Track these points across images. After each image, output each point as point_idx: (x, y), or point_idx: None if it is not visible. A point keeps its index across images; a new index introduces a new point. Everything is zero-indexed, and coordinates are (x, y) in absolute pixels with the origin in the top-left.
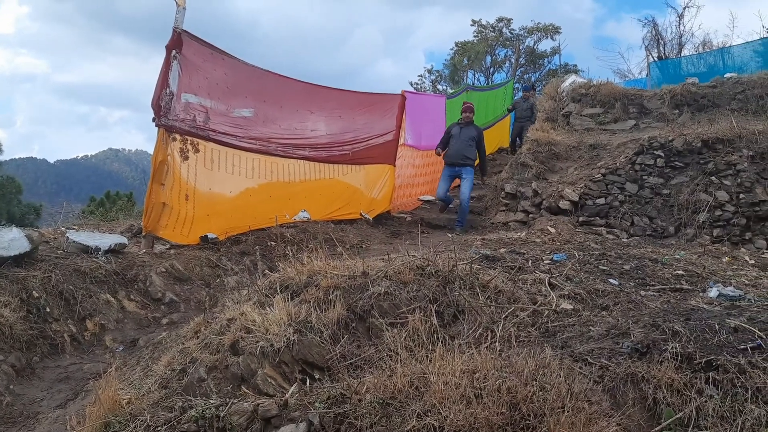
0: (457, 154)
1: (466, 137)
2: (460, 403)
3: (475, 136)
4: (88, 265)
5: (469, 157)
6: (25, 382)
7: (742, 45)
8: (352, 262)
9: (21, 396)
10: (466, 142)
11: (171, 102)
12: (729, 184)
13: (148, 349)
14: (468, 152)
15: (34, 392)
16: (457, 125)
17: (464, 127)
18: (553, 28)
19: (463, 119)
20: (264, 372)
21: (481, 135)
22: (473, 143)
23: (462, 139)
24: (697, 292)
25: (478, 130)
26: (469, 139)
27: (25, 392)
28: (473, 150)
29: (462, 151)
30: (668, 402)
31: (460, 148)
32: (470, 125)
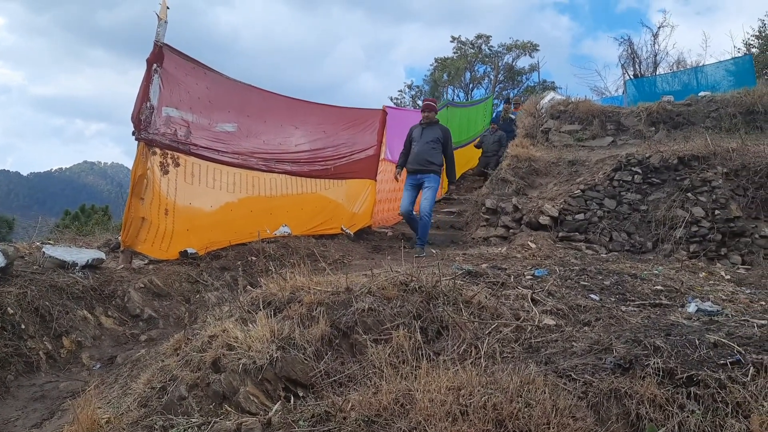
0: (418, 159)
1: (428, 139)
2: (446, 420)
3: (440, 137)
4: (64, 280)
5: (432, 161)
6: None
7: (715, 64)
8: (335, 278)
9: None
10: (428, 144)
11: (151, 116)
12: (705, 201)
13: (126, 366)
14: (431, 156)
15: (8, 412)
16: (419, 126)
17: (426, 127)
18: (531, 46)
19: (424, 119)
20: (246, 390)
21: (448, 135)
22: (437, 145)
23: (424, 142)
24: (676, 308)
25: (443, 129)
26: (433, 141)
27: None
28: (438, 153)
29: (424, 155)
30: (651, 417)
31: (421, 152)
32: (434, 125)
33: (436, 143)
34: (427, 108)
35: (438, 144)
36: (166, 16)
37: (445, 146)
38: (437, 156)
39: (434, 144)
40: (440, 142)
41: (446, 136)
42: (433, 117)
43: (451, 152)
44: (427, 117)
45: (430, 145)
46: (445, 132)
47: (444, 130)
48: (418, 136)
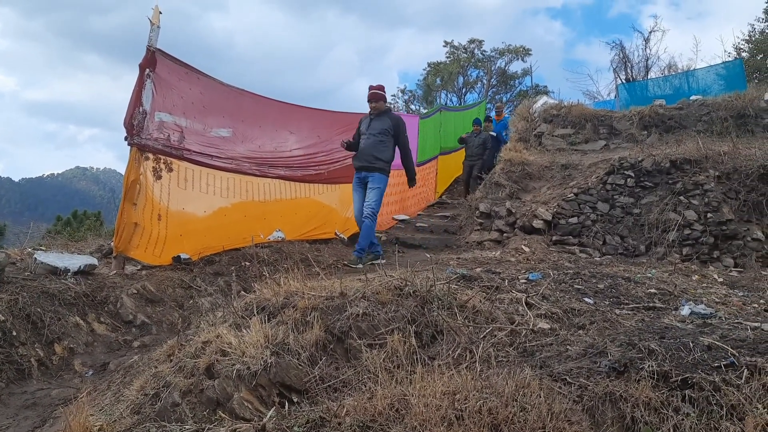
0: (362, 155)
1: (375, 131)
2: (442, 425)
3: (389, 128)
4: (56, 286)
5: (378, 157)
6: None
7: (706, 68)
8: (329, 283)
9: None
10: (375, 138)
11: (144, 121)
12: (697, 204)
13: (119, 373)
14: (377, 151)
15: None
16: (367, 117)
17: (375, 118)
18: (524, 50)
19: (371, 110)
20: (241, 396)
21: (400, 125)
22: (386, 138)
23: (370, 135)
24: (670, 311)
25: (394, 119)
26: (380, 134)
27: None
28: (386, 148)
29: (369, 151)
30: (646, 420)
31: (366, 147)
32: (382, 115)
33: (385, 135)
34: (373, 97)
35: (386, 136)
36: (158, 21)
37: (397, 137)
38: (385, 151)
39: (382, 137)
40: (389, 133)
41: (397, 126)
42: (381, 107)
43: (404, 143)
44: (375, 107)
45: (377, 138)
46: (396, 121)
47: (394, 119)
48: (365, 128)
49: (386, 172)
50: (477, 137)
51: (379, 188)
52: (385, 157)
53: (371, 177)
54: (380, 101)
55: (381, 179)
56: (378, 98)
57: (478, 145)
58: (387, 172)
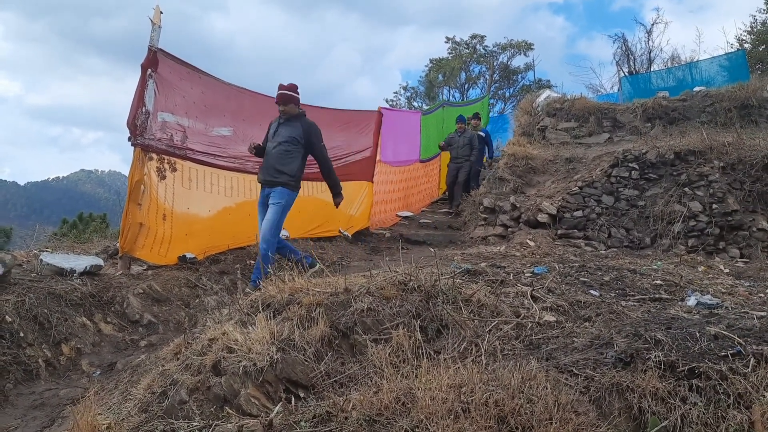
0: (265, 167)
1: (281, 139)
2: (448, 417)
3: (298, 136)
4: (63, 287)
5: (281, 170)
6: None
7: (709, 60)
8: (333, 279)
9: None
10: (280, 147)
11: (147, 121)
12: (702, 195)
13: (126, 372)
14: (281, 163)
15: (7, 420)
16: (276, 122)
17: (284, 123)
18: (526, 45)
19: (281, 113)
20: (247, 392)
21: (312, 132)
22: (293, 148)
23: (276, 143)
24: (676, 302)
25: (306, 125)
26: (287, 142)
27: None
28: (292, 159)
29: (272, 162)
30: (653, 410)
31: (269, 157)
32: (292, 121)
33: (292, 144)
34: (282, 99)
35: (294, 145)
36: (160, 21)
37: (310, 147)
38: (290, 162)
39: (288, 146)
40: (299, 142)
41: (309, 133)
42: (292, 110)
43: (320, 152)
44: (284, 111)
45: (282, 147)
46: (308, 128)
47: (306, 125)
48: (272, 135)
49: (292, 186)
50: (462, 136)
51: (279, 204)
52: (290, 170)
53: (273, 192)
54: (291, 104)
55: (283, 194)
56: (288, 100)
57: (464, 144)
58: (293, 186)
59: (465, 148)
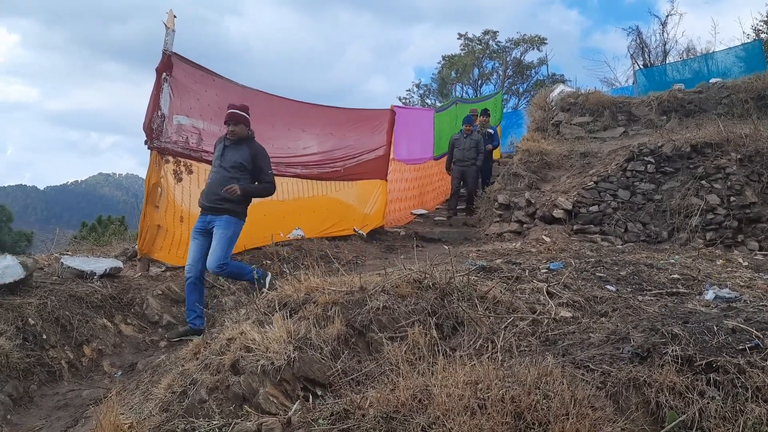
0: (208, 193)
1: (228, 163)
2: (465, 414)
3: (245, 162)
4: (83, 290)
5: (227, 198)
6: (23, 411)
7: (725, 51)
8: (349, 278)
9: (19, 425)
10: (226, 173)
11: (163, 124)
12: (719, 188)
13: (147, 372)
14: (222, 189)
15: (32, 421)
16: (221, 142)
17: (231, 146)
18: (539, 39)
19: (229, 134)
20: (266, 391)
21: (259, 158)
22: (240, 175)
23: (220, 168)
24: (694, 295)
25: (254, 150)
26: (233, 167)
27: (23, 421)
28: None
29: (216, 189)
30: (671, 405)
31: (213, 183)
32: (242, 143)
33: (239, 170)
34: (232, 119)
35: (242, 172)
36: (173, 25)
37: (257, 172)
38: None
39: (235, 172)
40: (245, 168)
41: (256, 158)
42: (241, 132)
43: (267, 180)
44: (233, 132)
45: (228, 174)
46: (256, 152)
47: (254, 149)
48: (217, 157)
49: (238, 214)
50: (468, 138)
51: (226, 235)
52: (236, 198)
53: (217, 221)
54: (241, 124)
55: (230, 223)
56: (239, 120)
57: (470, 147)
58: (239, 214)
59: (471, 151)
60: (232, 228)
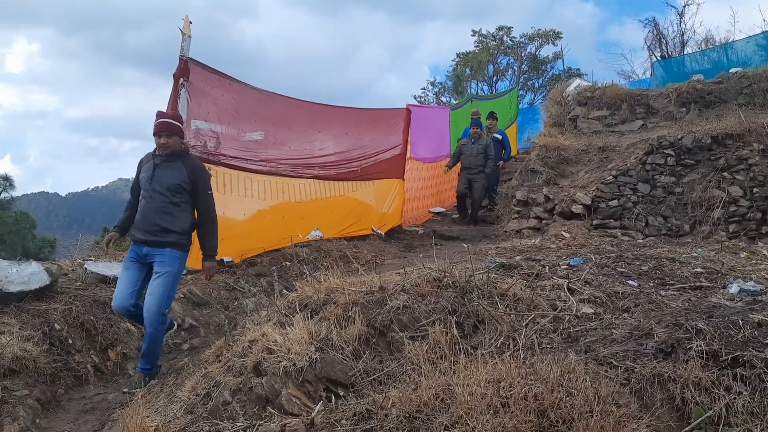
0: (143, 221)
1: (162, 186)
2: (487, 413)
3: (183, 182)
4: (107, 294)
5: (168, 228)
6: (51, 415)
7: (745, 39)
8: (368, 278)
9: (47, 429)
10: (162, 197)
11: None
12: (742, 179)
13: (171, 375)
14: (166, 219)
15: (60, 425)
16: (150, 160)
17: (163, 164)
18: (554, 34)
19: (160, 147)
20: (288, 392)
21: (199, 178)
22: (179, 198)
23: (154, 191)
24: (718, 289)
25: (191, 168)
26: (170, 190)
27: (51, 425)
28: (182, 213)
29: (153, 217)
30: (697, 401)
31: (148, 210)
32: (176, 160)
33: (177, 193)
34: (163, 129)
35: (180, 195)
36: (189, 31)
37: (195, 195)
38: (179, 218)
39: (173, 195)
40: (184, 190)
41: (196, 177)
42: (174, 145)
43: (205, 203)
44: (165, 145)
45: (164, 198)
46: (195, 170)
47: (193, 166)
48: (147, 178)
49: (182, 246)
50: (476, 143)
51: (168, 274)
52: (180, 227)
53: (159, 256)
54: (175, 136)
55: (173, 259)
56: (171, 131)
57: (478, 153)
58: (184, 246)
59: (479, 157)
60: (176, 264)
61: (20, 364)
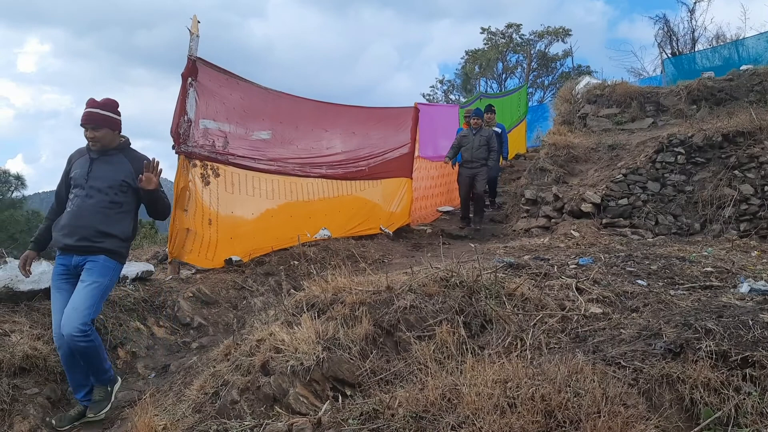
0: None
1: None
2: (494, 413)
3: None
4: (116, 293)
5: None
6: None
7: (756, 36)
8: (375, 277)
9: None
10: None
11: (189, 129)
12: (753, 177)
13: (179, 374)
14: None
15: None
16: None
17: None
18: (563, 31)
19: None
20: (296, 391)
21: None
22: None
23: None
24: (728, 289)
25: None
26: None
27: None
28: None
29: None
30: (706, 402)
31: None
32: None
33: (120, 192)
34: (90, 120)
35: (123, 193)
36: (197, 30)
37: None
38: (120, 219)
39: (114, 194)
40: (129, 187)
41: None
42: (107, 139)
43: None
44: (94, 139)
45: (104, 197)
46: (141, 164)
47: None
48: (82, 175)
49: (119, 256)
50: (478, 134)
51: (97, 284)
52: (121, 231)
53: (89, 263)
54: (105, 128)
55: (107, 268)
56: (101, 122)
57: (480, 145)
58: (121, 256)
59: (481, 149)
60: (109, 275)
61: (31, 362)
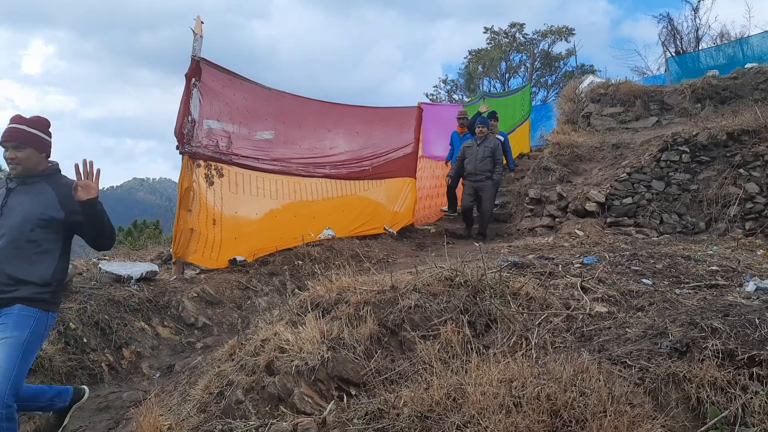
0: None
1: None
2: (500, 412)
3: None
4: (121, 294)
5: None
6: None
7: (761, 34)
8: (380, 277)
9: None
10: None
11: (193, 129)
12: (758, 176)
13: (184, 374)
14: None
15: (75, 423)
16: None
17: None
18: (566, 30)
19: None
20: (300, 391)
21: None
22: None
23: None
24: (734, 287)
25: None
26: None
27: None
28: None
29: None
30: (712, 401)
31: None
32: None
33: (40, 228)
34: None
35: (43, 229)
36: (201, 31)
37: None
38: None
39: (40, 230)
40: (53, 220)
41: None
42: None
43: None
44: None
45: (27, 233)
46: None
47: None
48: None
49: (45, 303)
50: (482, 145)
51: (13, 338)
52: (38, 276)
53: (3, 317)
54: (29, 148)
55: (24, 319)
56: (26, 141)
57: (485, 157)
58: (48, 303)
59: (485, 161)
60: (29, 328)
61: (36, 362)
